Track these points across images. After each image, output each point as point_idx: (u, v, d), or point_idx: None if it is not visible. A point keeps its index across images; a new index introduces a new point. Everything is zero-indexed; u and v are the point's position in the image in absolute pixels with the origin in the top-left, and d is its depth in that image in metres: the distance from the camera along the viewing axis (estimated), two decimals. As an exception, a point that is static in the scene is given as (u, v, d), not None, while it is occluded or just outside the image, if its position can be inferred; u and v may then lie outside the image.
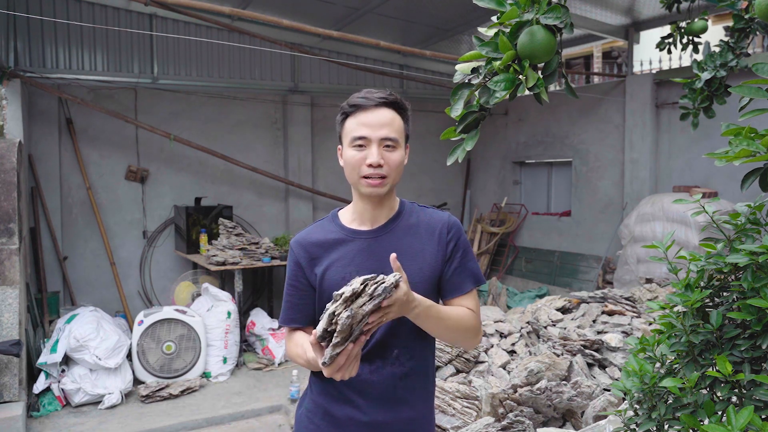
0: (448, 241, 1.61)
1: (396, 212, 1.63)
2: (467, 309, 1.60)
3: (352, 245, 1.59)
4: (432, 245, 1.60)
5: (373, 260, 1.56)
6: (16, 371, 4.25)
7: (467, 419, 3.25)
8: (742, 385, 1.11)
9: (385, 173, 1.52)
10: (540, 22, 1.32)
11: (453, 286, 1.61)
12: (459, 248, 1.62)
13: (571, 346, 3.84)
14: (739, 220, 1.24)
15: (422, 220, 1.63)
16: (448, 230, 1.62)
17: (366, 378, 1.54)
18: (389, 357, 1.55)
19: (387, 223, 1.61)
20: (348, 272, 1.55)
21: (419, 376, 1.59)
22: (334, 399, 1.57)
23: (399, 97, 1.58)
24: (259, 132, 7.61)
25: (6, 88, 5.37)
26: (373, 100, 1.53)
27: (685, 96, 2.66)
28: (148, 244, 6.98)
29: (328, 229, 1.64)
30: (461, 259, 1.62)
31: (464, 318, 1.57)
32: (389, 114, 1.54)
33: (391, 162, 1.53)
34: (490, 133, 8.65)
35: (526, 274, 8.06)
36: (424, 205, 1.72)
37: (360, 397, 1.55)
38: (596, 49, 12.26)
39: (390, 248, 1.55)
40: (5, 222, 4.39)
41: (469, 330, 1.58)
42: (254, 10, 6.14)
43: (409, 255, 1.57)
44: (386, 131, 1.52)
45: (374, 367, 1.55)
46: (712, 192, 5.83)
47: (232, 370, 5.57)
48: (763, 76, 1.16)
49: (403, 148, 1.57)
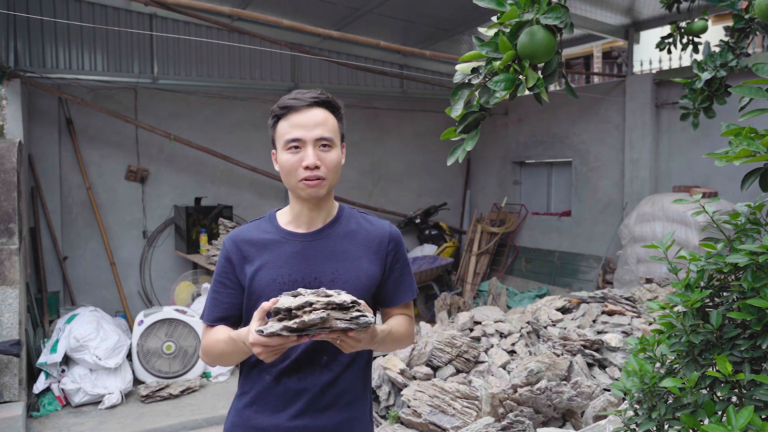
0: (388, 252, 1.60)
1: (334, 217, 1.60)
2: (405, 317, 1.64)
3: (287, 247, 1.55)
4: (369, 254, 1.58)
5: (307, 264, 1.53)
6: (16, 371, 4.25)
7: (467, 419, 3.25)
8: (742, 385, 1.11)
9: (323, 174, 1.49)
10: (540, 22, 1.32)
11: (393, 297, 1.63)
12: (398, 260, 1.62)
13: (571, 346, 3.84)
14: (739, 220, 1.24)
15: (362, 228, 1.61)
16: (388, 241, 1.61)
17: (293, 386, 1.51)
18: (318, 364, 1.52)
19: (324, 228, 1.58)
20: (279, 274, 1.52)
21: (349, 380, 1.56)
22: (260, 409, 1.54)
23: (331, 96, 1.55)
24: (259, 132, 7.60)
25: (6, 88, 5.37)
26: (305, 101, 1.50)
27: (685, 96, 2.66)
28: (148, 244, 6.98)
29: (263, 229, 1.59)
30: (401, 271, 1.63)
31: (403, 331, 1.61)
32: (322, 114, 1.51)
33: (327, 162, 1.50)
34: (490, 133, 8.65)
35: (526, 274, 8.06)
36: (364, 212, 1.69)
37: (288, 405, 1.52)
38: (596, 49, 12.26)
39: (325, 252, 1.54)
40: (5, 222, 4.39)
41: (407, 338, 1.64)
42: (254, 10, 6.14)
43: (345, 260, 1.55)
44: (320, 131, 1.49)
45: (302, 374, 1.52)
46: (712, 192, 5.83)
47: (232, 370, 5.57)
48: (763, 76, 1.16)
49: (339, 147, 1.54)
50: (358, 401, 1.59)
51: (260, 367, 1.55)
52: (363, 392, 1.62)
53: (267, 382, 1.54)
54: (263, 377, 1.54)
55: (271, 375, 1.53)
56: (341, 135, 1.57)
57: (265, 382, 1.54)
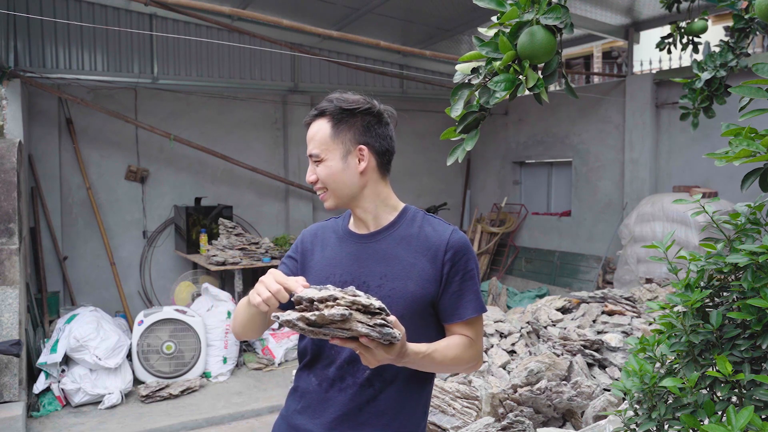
0: (445, 261, 1.47)
1: (393, 220, 1.54)
2: (465, 338, 1.47)
3: (345, 247, 1.55)
4: (424, 262, 1.47)
5: (358, 266, 1.50)
6: (16, 371, 4.25)
7: (467, 419, 3.25)
8: (742, 385, 1.11)
9: (322, 186, 1.52)
10: (540, 22, 1.32)
11: (449, 313, 1.48)
12: (458, 271, 1.47)
13: (571, 346, 3.84)
14: (739, 220, 1.24)
15: (422, 232, 1.51)
16: (446, 249, 1.47)
17: (333, 395, 1.47)
18: (360, 377, 1.46)
19: (380, 230, 1.53)
20: (333, 273, 1.52)
21: (393, 400, 1.46)
22: (303, 409, 1.52)
23: (337, 99, 1.51)
24: (259, 132, 7.61)
25: (6, 88, 5.37)
26: (310, 115, 1.55)
27: (685, 96, 2.66)
28: (148, 244, 6.98)
29: (333, 227, 1.63)
30: (460, 284, 1.47)
31: (455, 355, 1.44)
32: (315, 127, 1.52)
33: (321, 175, 1.50)
34: (490, 133, 8.65)
35: (526, 274, 8.06)
36: (431, 215, 1.58)
37: (325, 412, 1.48)
38: (596, 49, 12.26)
39: (377, 256, 1.50)
40: (5, 222, 4.39)
41: (463, 363, 1.47)
42: (254, 10, 6.14)
43: (396, 266, 1.47)
44: (311, 147, 1.52)
45: (344, 385, 1.47)
46: (712, 192, 5.83)
47: (232, 370, 5.57)
48: (763, 76, 1.16)
49: (334, 159, 1.48)
50: (401, 425, 1.48)
51: (309, 369, 1.54)
52: (409, 416, 1.49)
53: (314, 385, 1.51)
54: (311, 379, 1.52)
55: (317, 378, 1.51)
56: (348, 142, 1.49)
57: (312, 384, 1.52)
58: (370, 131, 1.51)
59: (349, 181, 1.50)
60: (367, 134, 1.51)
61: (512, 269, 8.24)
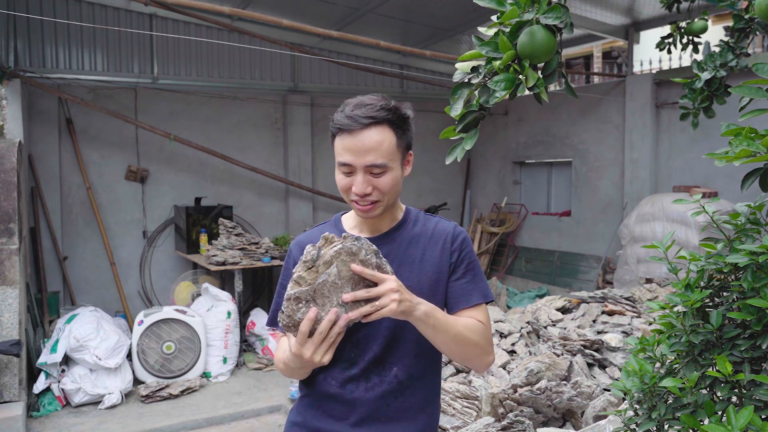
0: (453, 250, 1.52)
1: (400, 220, 1.55)
2: (475, 321, 1.48)
3: None
4: (434, 254, 1.51)
5: None
6: (16, 371, 4.25)
7: (467, 419, 3.25)
8: (742, 385, 1.11)
9: (375, 198, 1.42)
10: (540, 22, 1.32)
11: (459, 297, 1.50)
12: (464, 259, 1.52)
13: (571, 346, 3.84)
14: (739, 220, 1.24)
15: (427, 229, 1.55)
16: (452, 239, 1.53)
17: (360, 396, 1.47)
18: (387, 374, 1.48)
19: (390, 231, 1.53)
20: None
21: (418, 394, 1.51)
22: (324, 413, 1.51)
23: (393, 107, 1.43)
24: (259, 132, 7.61)
25: (6, 88, 5.37)
26: (359, 122, 1.37)
27: (685, 96, 2.66)
28: (148, 244, 6.98)
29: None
30: (466, 270, 1.52)
31: (473, 329, 1.44)
32: (377, 136, 1.38)
33: (381, 186, 1.41)
34: (490, 133, 8.65)
35: (526, 274, 8.06)
36: (431, 214, 1.63)
37: (351, 412, 1.48)
38: (596, 49, 12.27)
39: (389, 257, 1.48)
40: (5, 222, 4.39)
41: (478, 344, 1.45)
42: (254, 10, 6.14)
43: (410, 265, 1.50)
44: (372, 158, 1.38)
45: (370, 384, 1.47)
46: (712, 192, 5.83)
47: (232, 370, 5.57)
48: (763, 76, 1.15)
49: (397, 167, 1.45)
50: (425, 415, 1.53)
51: (326, 372, 1.50)
52: (431, 406, 1.56)
53: (333, 388, 1.49)
54: (329, 382, 1.50)
55: (337, 381, 1.49)
56: (404, 149, 1.47)
57: (331, 388, 1.50)
58: (412, 135, 1.53)
59: (398, 190, 1.47)
60: (411, 139, 1.52)
61: (512, 269, 8.24)
